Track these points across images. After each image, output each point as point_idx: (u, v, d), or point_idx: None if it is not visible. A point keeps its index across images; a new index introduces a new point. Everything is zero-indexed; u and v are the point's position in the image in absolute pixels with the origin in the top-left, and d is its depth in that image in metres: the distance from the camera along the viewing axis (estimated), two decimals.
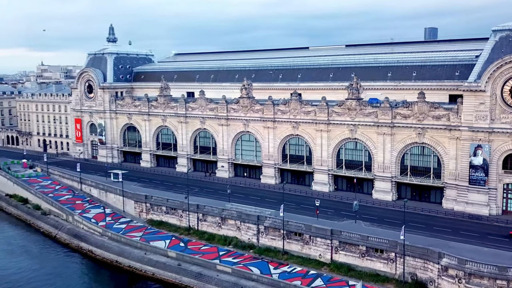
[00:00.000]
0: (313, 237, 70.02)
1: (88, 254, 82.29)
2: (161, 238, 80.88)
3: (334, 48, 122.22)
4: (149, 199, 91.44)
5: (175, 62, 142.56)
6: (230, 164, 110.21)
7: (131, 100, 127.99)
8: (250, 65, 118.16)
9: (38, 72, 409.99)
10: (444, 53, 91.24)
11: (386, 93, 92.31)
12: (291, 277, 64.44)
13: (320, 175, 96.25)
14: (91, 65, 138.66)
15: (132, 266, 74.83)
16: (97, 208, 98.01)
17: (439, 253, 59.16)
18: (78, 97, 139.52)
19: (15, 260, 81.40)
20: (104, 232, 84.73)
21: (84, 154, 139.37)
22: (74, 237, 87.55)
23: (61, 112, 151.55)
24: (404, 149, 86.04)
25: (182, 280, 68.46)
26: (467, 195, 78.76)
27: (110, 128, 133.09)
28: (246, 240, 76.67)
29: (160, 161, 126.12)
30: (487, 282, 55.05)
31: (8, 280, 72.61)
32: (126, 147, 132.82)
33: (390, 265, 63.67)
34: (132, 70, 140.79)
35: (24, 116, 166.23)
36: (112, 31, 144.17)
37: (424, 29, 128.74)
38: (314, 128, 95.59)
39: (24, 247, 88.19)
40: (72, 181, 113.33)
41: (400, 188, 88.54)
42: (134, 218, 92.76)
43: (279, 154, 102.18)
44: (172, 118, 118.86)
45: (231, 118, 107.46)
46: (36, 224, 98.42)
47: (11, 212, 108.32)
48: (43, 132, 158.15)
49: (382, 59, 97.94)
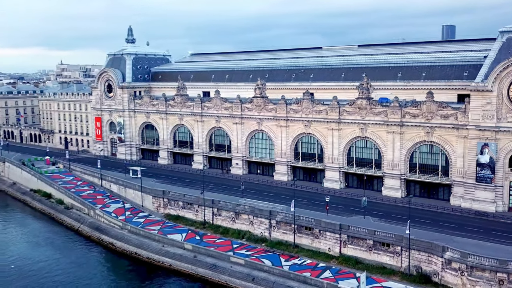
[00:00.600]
0: (322, 231, 73.04)
1: (108, 246, 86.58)
2: (178, 232, 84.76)
3: (347, 48, 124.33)
4: (166, 194, 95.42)
5: (192, 63, 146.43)
6: (244, 162, 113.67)
7: (149, 99, 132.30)
8: (264, 65, 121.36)
9: (57, 71, 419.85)
10: (453, 54, 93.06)
11: (396, 92, 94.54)
12: (301, 269, 67.56)
13: (331, 173, 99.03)
14: (111, 65, 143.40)
15: (150, 258, 78.82)
16: (117, 203, 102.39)
17: (442, 247, 61.71)
18: (98, 96, 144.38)
19: (41, 250, 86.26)
20: (124, 225, 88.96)
21: (104, 151, 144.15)
22: (96, 230, 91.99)
23: (82, 111, 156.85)
24: (413, 147, 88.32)
25: (198, 271, 72.13)
26: (474, 192, 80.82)
27: (129, 126, 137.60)
28: (258, 234, 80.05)
29: (177, 159, 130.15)
30: (488, 275, 57.46)
31: (34, 269, 77.33)
32: (144, 145, 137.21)
33: (396, 258, 66.36)
34: (150, 70, 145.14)
35: (46, 114, 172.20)
36: (130, 32, 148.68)
37: (442, 27, 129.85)
38: (325, 126, 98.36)
39: (49, 239, 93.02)
40: (92, 177, 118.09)
41: (409, 185, 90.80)
42: (152, 212, 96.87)
43: (292, 152, 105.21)
44: (188, 117, 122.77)
45: (245, 117, 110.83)
46: (59, 218, 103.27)
47: (35, 207, 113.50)
48: (65, 130, 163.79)
49: (392, 60, 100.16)
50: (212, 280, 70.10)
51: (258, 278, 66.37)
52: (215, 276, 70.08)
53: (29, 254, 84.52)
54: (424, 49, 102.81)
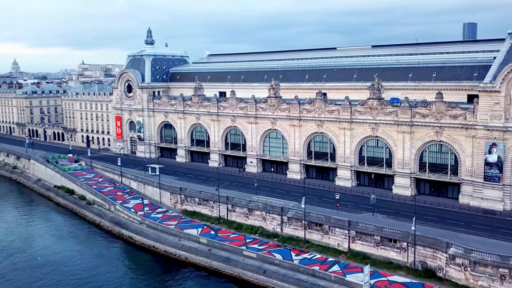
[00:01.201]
0: (332, 227, 75.75)
1: (128, 240, 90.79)
2: (194, 227, 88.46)
3: (361, 48, 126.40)
4: (183, 191, 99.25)
5: (209, 63, 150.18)
6: (259, 160, 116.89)
7: (167, 99, 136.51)
8: (278, 66, 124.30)
9: (79, 70, 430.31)
10: (463, 54, 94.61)
11: (407, 93, 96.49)
12: (310, 263, 70.43)
13: (343, 171, 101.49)
14: (131, 66, 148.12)
15: (167, 251, 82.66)
16: (136, 199, 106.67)
17: (447, 243, 63.86)
18: (118, 96, 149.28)
19: (65, 243, 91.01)
20: (143, 220, 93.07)
21: (124, 149, 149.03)
22: (116, 225, 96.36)
23: (103, 110, 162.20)
24: (423, 146, 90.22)
25: (212, 264, 75.63)
26: (482, 191, 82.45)
27: (148, 126, 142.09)
28: (271, 230, 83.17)
29: (194, 157, 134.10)
30: (490, 270, 59.47)
31: (59, 260, 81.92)
32: (163, 143, 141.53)
33: (402, 254, 68.70)
34: (169, 71, 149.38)
35: (69, 113, 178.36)
36: (149, 34, 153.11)
37: (463, 25, 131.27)
38: (337, 126, 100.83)
39: (72, 233, 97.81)
40: (113, 174, 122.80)
41: (419, 184, 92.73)
42: (169, 208, 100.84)
43: (305, 150, 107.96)
44: (205, 117, 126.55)
45: (259, 117, 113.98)
46: (81, 213, 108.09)
47: (59, 202, 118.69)
48: (86, 129, 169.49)
49: (403, 60, 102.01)
50: (226, 273, 73.51)
51: (269, 271, 69.52)
52: (228, 269, 73.46)
53: (54, 247, 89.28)
54: (436, 49, 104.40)
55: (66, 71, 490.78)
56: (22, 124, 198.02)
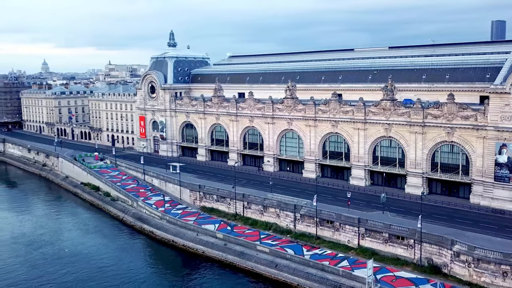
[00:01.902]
0: (342, 224, 78.62)
1: (149, 235, 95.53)
2: (211, 222, 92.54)
3: (378, 49, 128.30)
4: (202, 188, 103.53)
5: (228, 65, 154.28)
6: (275, 159, 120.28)
7: (188, 100, 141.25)
8: (295, 67, 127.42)
9: (106, 71, 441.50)
10: (476, 56, 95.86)
11: (421, 94, 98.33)
12: (321, 258, 73.48)
13: (357, 171, 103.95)
14: (154, 68, 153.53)
15: (185, 245, 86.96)
16: (157, 196, 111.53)
17: (451, 241, 66.03)
18: (142, 97, 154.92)
19: (91, 237, 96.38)
20: (163, 216, 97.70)
21: (147, 148, 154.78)
22: (138, 220, 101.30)
23: (127, 110, 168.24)
24: (435, 147, 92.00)
25: (227, 258, 79.49)
26: (493, 191, 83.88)
27: (170, 125, 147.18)
28: (284, 226, 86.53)
29: (214, 156, 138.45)
30: (493, 267, 61.44)
31: (85, 252, 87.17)
32: (184, 143, 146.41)
33: (409, 251, 71.08)
34: (190, 72, 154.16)
35: (95, 113, 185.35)
36: (172, 37, 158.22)
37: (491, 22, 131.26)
38: (352, 126, 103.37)
39: (97, 227, 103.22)
40: (136, 172, 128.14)
41: (431, 184, 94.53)
42: (189, 205, 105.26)
43: (320, 150, 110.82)
44: (224, 117, 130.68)
45: (276, 117, 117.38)
46: (106, 208, 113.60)
47: (85, 198, 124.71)
48: (112, 128, 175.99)
49: (417, 62, 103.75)
50: (240, 266, 77.26)
51: (281, 265, 72.95)
52: (242, 262, 77.19)
53: (80, 240, 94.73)
54: (451, 51, 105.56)
55: (94, 71, 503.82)
56: (51, 123, 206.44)
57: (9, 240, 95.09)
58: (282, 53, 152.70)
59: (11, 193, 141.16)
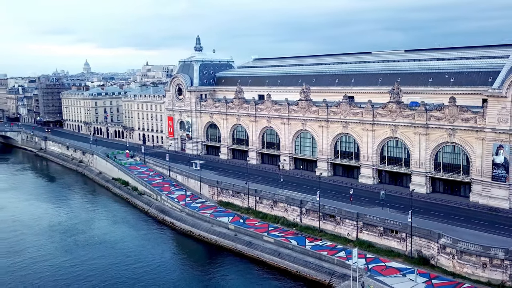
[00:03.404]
0: (343, 218, 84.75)
1: (170, 225, 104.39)
2: (226, 215, 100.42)
3: (394, 53, 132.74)
4: (219, 184, 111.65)
5: (251, 68, 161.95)
6: (291, 158, 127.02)
7: (212, 101, 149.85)
8: (311, 71, 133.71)
9: (143, 71, 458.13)
10: (479, 60, 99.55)
11: (427, 97, 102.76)
12: (321, 249, 79.93)
13: (366, 169, 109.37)
14: (181, 71, 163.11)
15: (201, 235, 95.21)
16: (180, 191, 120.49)
17: (438, 234, 71.19)
18: (170, 98, 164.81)
19: (118, 226, 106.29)
20: (183, 209, 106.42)
21: (175, 147, 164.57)
22: (161, 212, 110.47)
23: (157, 111, 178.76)
24: (437, 147, 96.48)
25: (237, 247, 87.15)
26: (490, 190, 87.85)
27: (196, 125, 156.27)
28: (291, 220, 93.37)
29: (235, 154, 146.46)
30: (474, 259, 66.33)
31: (112, 240, 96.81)
32: (208, 142, 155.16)
33: (402, 243, 76.55)
34: (215, 75, 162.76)
35: (128, 113, 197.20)
36: (198, 42, 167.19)
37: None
38: (361, 127, 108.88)
39: (124, 218, 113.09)
40: (162, 169, 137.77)
41: (434, 182, 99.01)
42: (208, 199, 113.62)
43: (332, 150, 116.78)
44: (244, 117, 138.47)
45: (292, 118, 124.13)
46: (133, 202, 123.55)
47: (115, 192, 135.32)
48: (143, 128, 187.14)
49: (424, 66, 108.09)
50: (247, 254, 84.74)
51: (283, 254, 79.95)
52: (250, 251, 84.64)
53: (109, 229, 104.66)
54: (463, 54, 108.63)
55: (133, 71, 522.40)
56: (88, 122, 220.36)
57: (47, 227, 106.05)
58: (303, 56, 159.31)
59: (50, 187, 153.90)
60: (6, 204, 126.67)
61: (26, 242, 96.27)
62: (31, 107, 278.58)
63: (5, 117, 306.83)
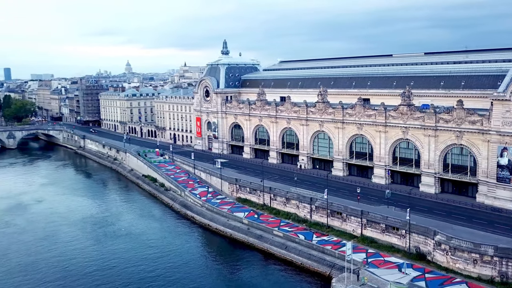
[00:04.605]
0: (348, 215, 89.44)
1: (190, 219, 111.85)
2: (242, 211, 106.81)
3: (414, 55, 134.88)
4: (238, 181, 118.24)
5: (274, 71, 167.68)
6: (309, 158, 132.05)
7: (236, 103, 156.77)
8: (330, 74, 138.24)
9: (180, 72, 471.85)
10: (489, 64, 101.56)
11: (438, 100, 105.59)
12: (326, 243, 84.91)
13: (379, 170, 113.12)
14: (208, 74, 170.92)
15: (217, 229, 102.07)
16: (202, 188, 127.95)
17: (434, 231, 74.91)
18: (198, 100, 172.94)
19: (144, 219, 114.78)
20: (203, 204, 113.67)
21: (202, 146, 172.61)
22: (183, 207, 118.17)
23: (186, 112, 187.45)
24: (446, 149, 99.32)
25: (249, 240, 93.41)
26: (495, 191, 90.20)
27: (221, 126, 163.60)
28: (302, 216, 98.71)
29: (257, 153, 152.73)
30: (466, 255, 69.82)
31: (138, 232, 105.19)
32: (233, 141, 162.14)
33: (402, 240, 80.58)
34: (240, 78, 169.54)
35: (160, 114, 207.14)
36: (225, 45, 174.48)
37: None
38: (374, 129, 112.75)
39: (150, 212, 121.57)
40: (188, 167, 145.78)
41: (443, 183, 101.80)
42: (227, 196, 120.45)
43: (347, 150, 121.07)
44: (266, 119, 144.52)
45: (310, 119, 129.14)
46: (160, 197, 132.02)
47: (144, 188, 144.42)
48: (173, 127, 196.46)
49: (437, 70, 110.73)
50: (258, 247, 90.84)
51: (290, 247, 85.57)
52: (260, 244, 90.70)
53: (135, 222, 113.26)
54: (482, 57, 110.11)
55: (173, 71, 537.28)
56: (123, 122, 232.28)
57: (80, 219, 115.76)
58: (327, 59, 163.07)
59: (86, 182, 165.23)
60: (46, 197, 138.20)
61: (61, 231, 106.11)
62: (72, 107, 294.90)
63: (49, 116, 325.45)
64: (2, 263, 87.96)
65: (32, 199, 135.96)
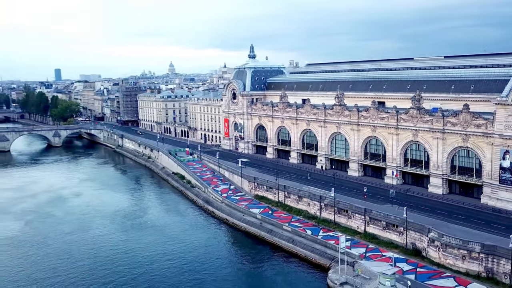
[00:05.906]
0: (353, 213, 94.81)
1: (211, 214, 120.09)
2: (258, 207, 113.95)
3: (435, 59, 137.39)
4: (256, 179, 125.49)
5: (298, 74, 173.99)
6: (327, 159, 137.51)
7: (261, 105, 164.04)
8: (349, 77, 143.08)
9: (219, 73, 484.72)
10: (498, 68, 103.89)
11: (448, 103, 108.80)
12: (330, 239, 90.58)
13: (391, 171, 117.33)
14: (236, 77, 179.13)
15: (234, 223, 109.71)
16: (225, 185, 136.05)
17: (428, 229, 79.38)
18: (226, 102, 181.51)
19: (169, 213, 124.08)
20: (223, 200, 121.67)
21: (230, 146, 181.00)
22: (206, 203, 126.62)
23: (216, 113, 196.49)
24: (453, 151, 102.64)
25: (261, 234, 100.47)
26: (498, 192, 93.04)
27: (247, 127, 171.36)
28: (312, 213, 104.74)
29: (280, 154, 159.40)
30: (456, 251, 74.04)
31: (162, 224, 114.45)
32: (257, 142, 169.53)
33: (400, 236, 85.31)
34: (266, 81, 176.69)
35: (192, 115, 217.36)
36: (252, 50, 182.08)
37: None
38: (387, 131, 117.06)
39: (176, 207, 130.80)
40: (214, 165, 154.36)
41: (451, 184, 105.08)
42: (247, 193, 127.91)
43: (362, 151, 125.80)
44: (287, 120, 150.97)
45: (327, 121, 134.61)
46: (186, 193, 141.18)
47: (173, 185, 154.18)
48: (204, 128, 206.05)
49: (448, 74, 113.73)
50: (268, 240, 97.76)
51: (296, 241, 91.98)
52: (270, 237, 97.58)
53: (161, 215, 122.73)
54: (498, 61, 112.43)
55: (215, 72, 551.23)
56: (159, 122, 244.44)
57: (112, 212, 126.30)
58: (350, 62, 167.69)
59: (122, 178, 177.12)
60: (83, 192, 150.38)
61: (94, 222, 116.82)
62: (113, 107, 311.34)
63: (93, 116, 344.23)
64: (42, 248, 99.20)
65: (71, 193, 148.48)
